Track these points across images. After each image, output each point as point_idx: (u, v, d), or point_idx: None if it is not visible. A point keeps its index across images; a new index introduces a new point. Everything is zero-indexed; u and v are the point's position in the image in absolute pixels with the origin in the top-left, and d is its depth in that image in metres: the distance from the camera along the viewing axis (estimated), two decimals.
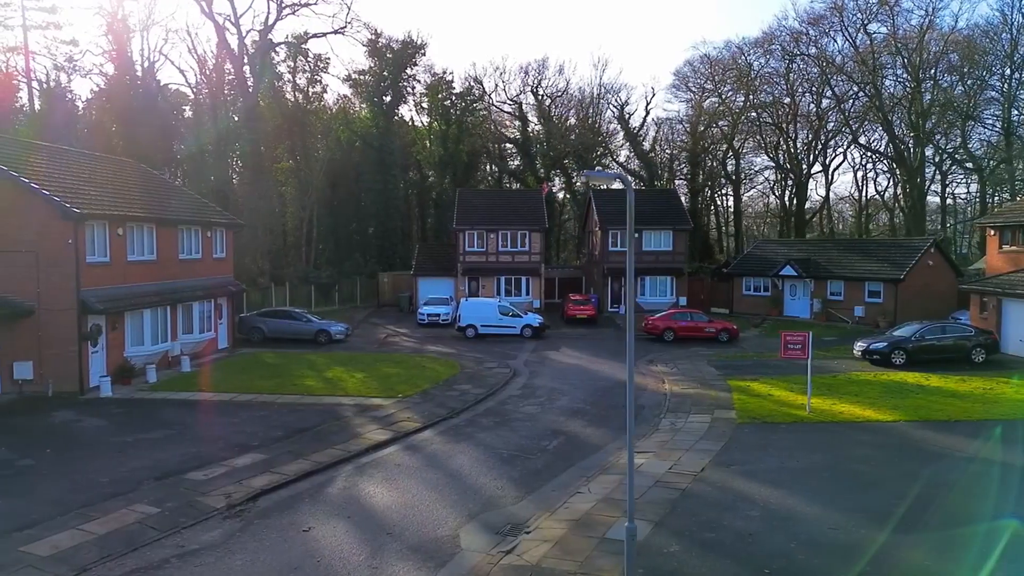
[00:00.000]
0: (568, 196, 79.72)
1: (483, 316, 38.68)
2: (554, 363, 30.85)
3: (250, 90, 56.36)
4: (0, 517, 13.15)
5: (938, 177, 70.40)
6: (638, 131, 78.41)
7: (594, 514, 13.38)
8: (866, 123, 68.27)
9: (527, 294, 49.01)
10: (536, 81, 76.22)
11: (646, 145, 79.14)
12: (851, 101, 65.96)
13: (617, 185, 58.10)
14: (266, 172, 58.08)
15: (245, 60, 56.62)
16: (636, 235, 49.22)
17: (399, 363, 29.75)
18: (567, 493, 14.72)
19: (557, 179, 79.75)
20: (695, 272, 53.41)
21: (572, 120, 78.43)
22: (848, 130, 68.74)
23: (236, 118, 56.60)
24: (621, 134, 79.66)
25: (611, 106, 77.80)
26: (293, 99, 65.29)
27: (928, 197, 71.08)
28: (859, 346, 29.62)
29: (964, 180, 74.01)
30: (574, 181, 78.72)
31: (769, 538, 12.29)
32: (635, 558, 10.15)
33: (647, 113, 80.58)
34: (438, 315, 42.88)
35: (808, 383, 21.30)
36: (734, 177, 78.18)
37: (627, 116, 78.08)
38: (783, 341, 20.98)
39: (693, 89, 76.13)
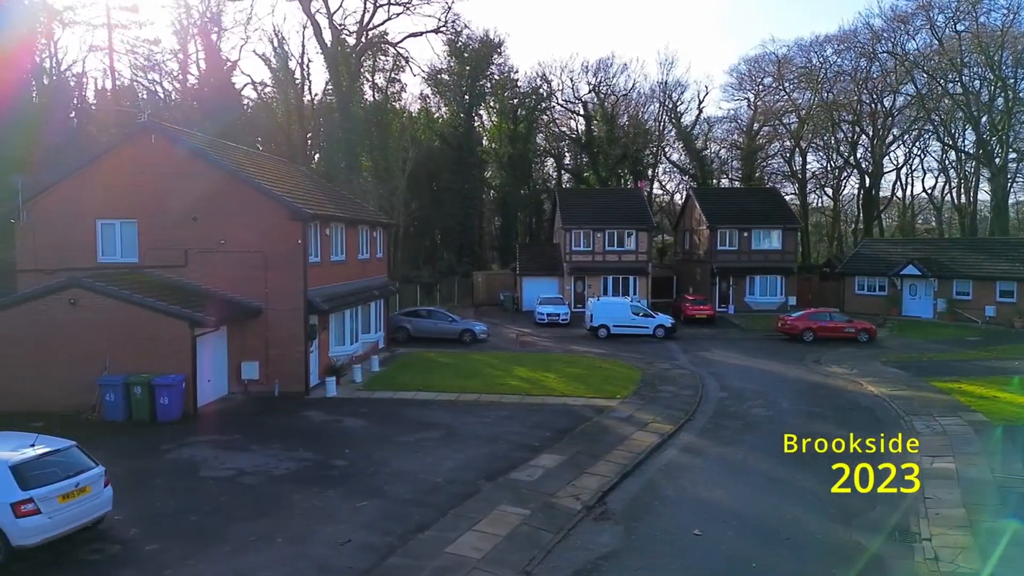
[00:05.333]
0: None
1: (615, 316, 38.64)
2: (721, 364, 30.74)
3: (344, 89, 56.42)
4: (386, 519, 13.25)
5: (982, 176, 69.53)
6: (691, 129, 78.19)
7: (976, 520, 13.34)
8: (942, 122, 67.85)
9: (634, 293, 48.89)
10: (600, 80, 75.97)
11: (698, 143, 78.87)
12: (933, 100, 65.56)
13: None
14: (358, 172, 58.27)
15: (339, 59, 56.65)
16: (745, 234, 49.17)
17: (572, 363, 29.76)
18: (915, 500, 14.60)
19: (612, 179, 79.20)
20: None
21: (624, 119, 77.99)
22: (923, 129, 68.58)
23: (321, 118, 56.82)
24: (674, 132, 79.42)
25: (664, 106, 77.47)
26: (372, 98, 65.44)
27: (962, 195, 71.47)
28: None
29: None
30: (625, 179, 78.41)
31: None
32: None
33: (699, 112, 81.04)
34: (557, 315, 42.84)
35: None
36: (800, 176, 77.75)
37: (680, 114, 78.04)
38: None
39: (751, 87, 75.93)
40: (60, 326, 20.03)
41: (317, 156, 64.68)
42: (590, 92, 76.26)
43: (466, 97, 67.28)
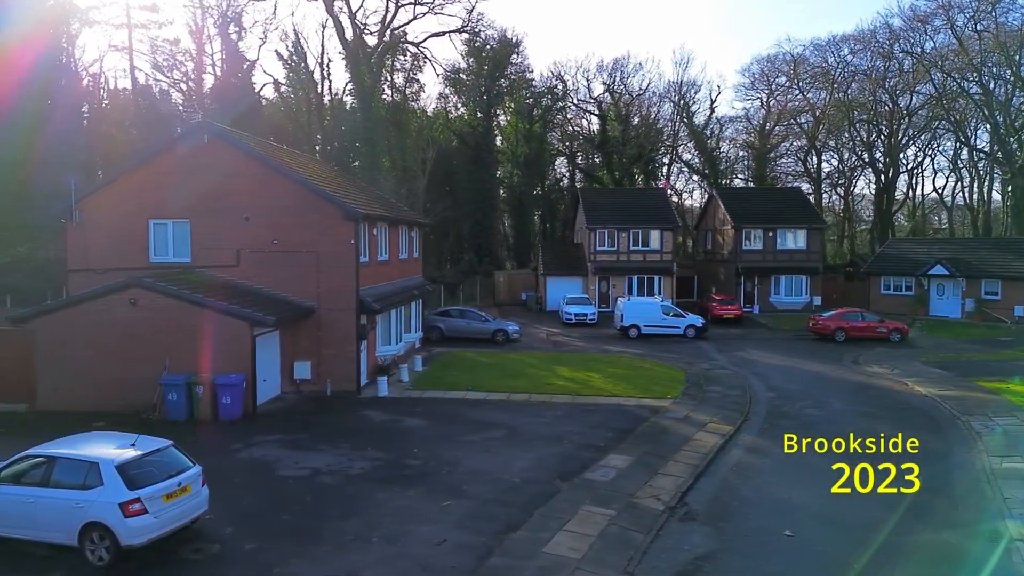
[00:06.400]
0: None
1: (646, 316, 38.65)
2: (759, 364, 30.71)
3: (366, 89, 56.43)
4: (475, 518, 13.28)
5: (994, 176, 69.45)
6: (703, 129, 78.10)
7: None
8: (957, 122, 67.83)
9: (659, 293, 48.86)
10: (615, 79, 75.90)
11: (710, 143, 78.77)
12: (950, 99, 65.53)
13: None
14: (380, 172, 58.27)
15: (361, 58, 56.65)
16: (770, 234, 49.16)
17: (612, 363, 29.77)
18: (993, 500, 14.62)
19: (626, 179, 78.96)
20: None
21: (636, 119, 77.92)
22: (938, 129, 68.73)
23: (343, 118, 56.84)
24: (685, 132, 79.32)
25: (677, 106, 77.37)
26: (391, 98, 65.43)
27: (975, 195, 71.63)
28: None
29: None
30: (636, 178, 78.26)
31: None
32: None
33: (711, 111, 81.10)
34: (585, 315, 42.84)
35: None
36: (815, 175, 77.68)
37: (692, 114, 77.97)
38: None
39: (764, 87, 75.89)
40: (120, 326, 20.08)
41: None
42: (604, 92, 76.25)
43: (484, 96, 67.24)
